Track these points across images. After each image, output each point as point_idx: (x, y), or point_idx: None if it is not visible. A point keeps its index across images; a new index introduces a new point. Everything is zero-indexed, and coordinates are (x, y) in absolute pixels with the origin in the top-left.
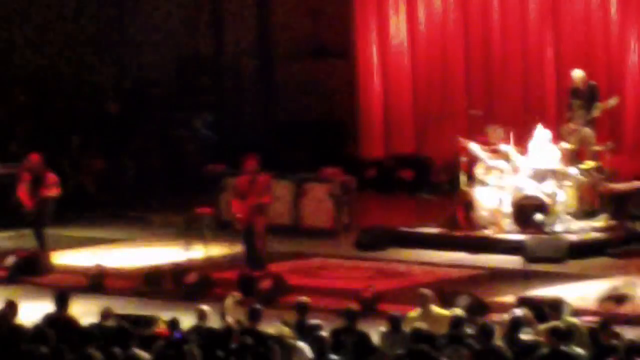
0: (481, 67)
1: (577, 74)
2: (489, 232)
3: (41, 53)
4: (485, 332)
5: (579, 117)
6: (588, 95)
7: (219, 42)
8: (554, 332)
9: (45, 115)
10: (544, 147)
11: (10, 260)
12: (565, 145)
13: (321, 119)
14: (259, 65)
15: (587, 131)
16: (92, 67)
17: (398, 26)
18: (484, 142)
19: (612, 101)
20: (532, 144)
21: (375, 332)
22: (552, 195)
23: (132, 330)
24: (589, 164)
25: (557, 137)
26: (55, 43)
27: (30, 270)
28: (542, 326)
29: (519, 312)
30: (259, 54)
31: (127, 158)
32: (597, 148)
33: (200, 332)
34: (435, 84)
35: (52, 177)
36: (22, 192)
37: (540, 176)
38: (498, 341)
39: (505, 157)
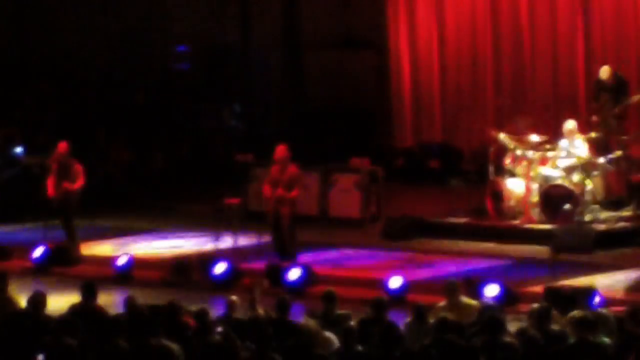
0: (510, 57)
1: (604, 67)
2: (517, 222)
3: (69, 44)
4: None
5: (606, 110)
6: (616, 88)
7: (247, 33)
8: (581, 322)
9: (72, 106)
10: (572, 137)
11: (39, 251)
12: (593, 135)
13: (349, 109)
14: (287, 56)
15: (614, 122)
16: (120, 58)
17: (428, 16)
18: (513, 132)
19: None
20: (561, 135)
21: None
22: (580, 185)
23: (159, 319)
24: (617, 153)
25: (585, 128)
26: (84, 34)
27: (59, 261)
28: (570, 315)
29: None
30: (287, 44)
31: (155, 149)
32: (624, 138)
33: (229, 322)
34: (465, 74)
35: (78, 167)
36: (49, 182)
37: (568, 166)
38: (529, 330)
39: (534, 147)
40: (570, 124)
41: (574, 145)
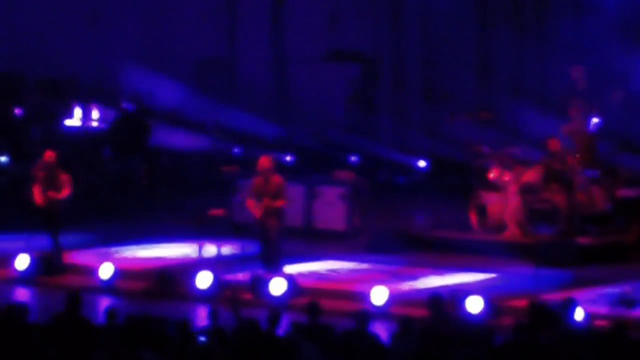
0: None
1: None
2: (501, 236)
3: (56, 56)
4: None
5: (584, 123)
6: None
7: (234, 46)
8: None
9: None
10: (558, 150)
11: (23, 260)
12: (576, 148)
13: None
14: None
15: (593, 136)
16: (111, 69)
17: None
18: (497, 145)
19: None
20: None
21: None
22: (564, 199)
23: (142, 330)
24: (602, 167)
25: (569, 141)
26: (74, 47)
27: (43, 271)
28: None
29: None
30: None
31: (140, 159)
32: (606, 152)
33: (213, 332)
34: None
35: (64, 176)
36: (35, 191)
37: (553, 180)
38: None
39: (517, 161)
40: (552, 140)
41: (560, 159)
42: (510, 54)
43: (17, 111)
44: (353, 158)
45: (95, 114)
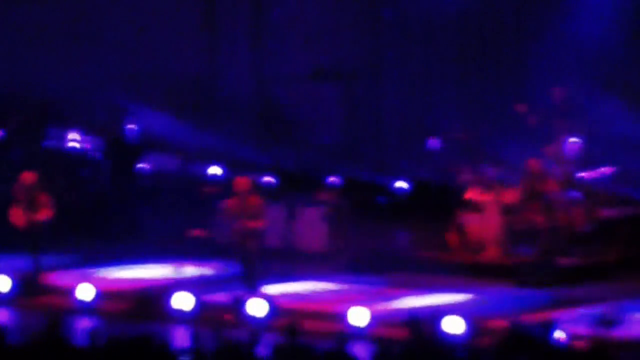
0: None
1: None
2: (481, 256)
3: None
4: None
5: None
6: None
7: (215, 64)
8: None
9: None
10: (538, 171)
11: (4, 281)
12: (558, 168)
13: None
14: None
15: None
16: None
17: None
18: (476, 166)
19: None
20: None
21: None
22: (545, 219)
23: (123, 352)
24: (582, 188)
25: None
26: (55, 68)
27: (23, 291)
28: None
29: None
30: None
31: (122, 179)
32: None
33: (194, 354)
34: None
35: (45, 198)
36: (16, 213)
37: (533, 200)
38: None
39: (496, 182)
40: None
41: (540, 179)
42: (488, 75)
43: None
44: (333, 179)
45: (74, 135)
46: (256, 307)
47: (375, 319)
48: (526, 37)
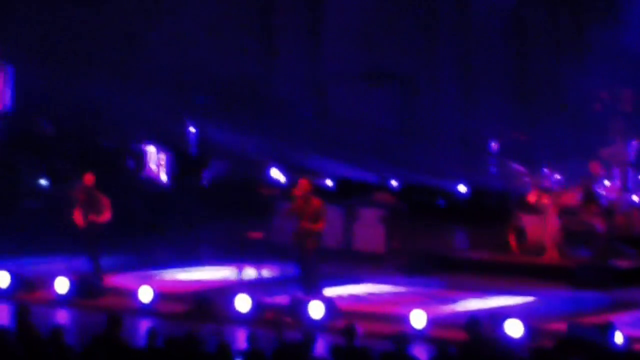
0: None
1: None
2: (540, 258)
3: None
4: None
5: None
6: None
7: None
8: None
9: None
10: (599, 173)
11: (63, 282)
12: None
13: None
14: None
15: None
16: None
17: None
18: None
19: None
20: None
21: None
22: (602, 222)
23: (182, 352)
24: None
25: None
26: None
27: (83, 293)
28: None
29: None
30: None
31: (183, 181)
32: None
33: (252, 355)
34: None
35: (105, 200)
36: (76, 214)
37: (592, 202)
38: None
39: (556, 184)
40: (593, 162)
41: (599, 183)
42: (548, 72)
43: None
44: (393, 181)
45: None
46: (314, 309)
47: (433, 321)
48: (582, 46)
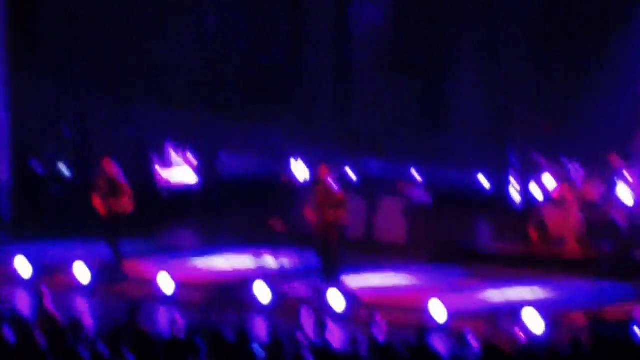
0: None
1: None
2: (561, 250)
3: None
4: None
5: None
6: None
7: (297, 52)
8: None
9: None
10: (620, 166)
11: (84, 269)
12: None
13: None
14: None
15: None
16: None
17: None
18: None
19: None
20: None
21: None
22: (623, 214)
23: (201, 340)
24: None
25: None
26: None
27: (104, 279)
28: None
29: None
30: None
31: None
32: None
33: (272, 345)
34: None
35: (126, 188)
36: (97, 201)
37: (611, 195)
38: None
39: (577, 176)
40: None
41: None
42: (573, 63)
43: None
44: (415, 172)
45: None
46: (335, 299)
47: (455, 312)
48: (610, 31)
